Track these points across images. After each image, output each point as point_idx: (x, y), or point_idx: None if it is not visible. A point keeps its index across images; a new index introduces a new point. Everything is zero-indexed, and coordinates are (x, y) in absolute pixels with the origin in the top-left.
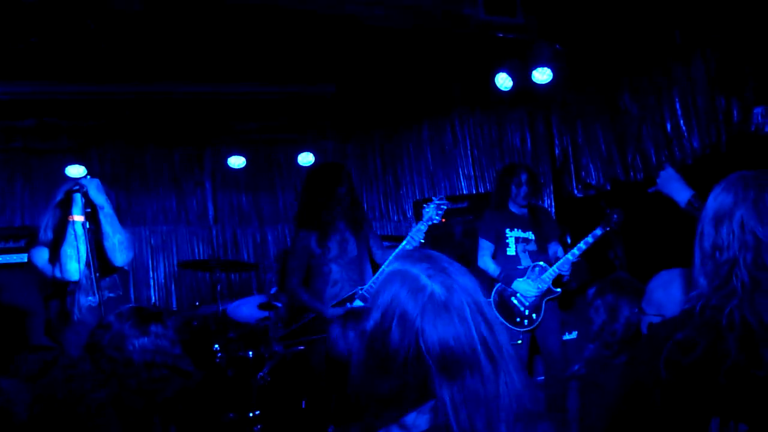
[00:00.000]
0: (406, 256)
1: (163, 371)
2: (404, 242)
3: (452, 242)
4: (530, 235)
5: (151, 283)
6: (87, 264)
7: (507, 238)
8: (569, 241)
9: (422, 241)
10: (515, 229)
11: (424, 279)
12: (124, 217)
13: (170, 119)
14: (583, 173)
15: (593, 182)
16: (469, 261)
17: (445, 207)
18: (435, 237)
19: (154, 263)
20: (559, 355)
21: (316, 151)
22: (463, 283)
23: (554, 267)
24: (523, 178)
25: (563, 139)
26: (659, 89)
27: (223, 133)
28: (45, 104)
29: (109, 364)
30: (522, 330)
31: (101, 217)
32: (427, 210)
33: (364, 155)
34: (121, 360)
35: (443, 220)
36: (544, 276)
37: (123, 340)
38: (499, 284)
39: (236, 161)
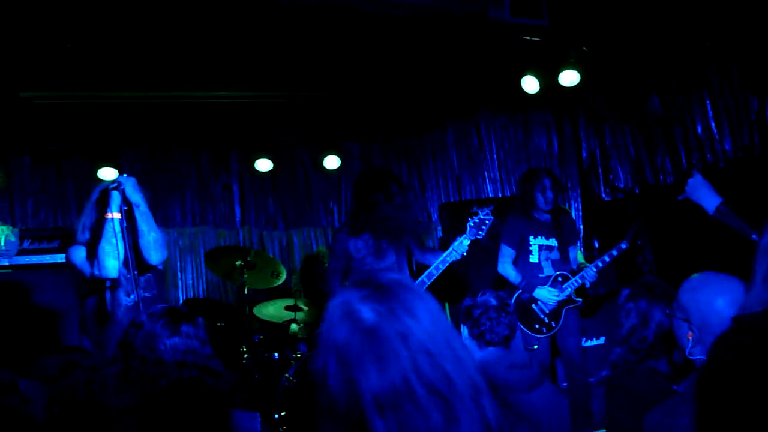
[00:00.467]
0: (357, 285)
1: (194, 372)
2: (446, 254)
3: (477, 245)
4: (554, 242)
5: (180, 285)
6: (125, 262)
7: (530, 245)
8: (597, 245)
9: (464, 254)
10: (539, 237)
11: (361, 315)
12: None
13: (199, 123)
14: (611, 176)
15: (621, 186)
16: (491, 264)
17: (490, 222)
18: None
19: (182, 264)
20: (579, 359)
21: (341, 155)
22: (409, 321)
23: (576, 278)
24: (547, 183)
25: (591, 141)
26: (688, 90)
27: (251, 136)
28: (78, 108)
29: (140, 363)
30: (540, 336)
31: (137, 214)
32: (471, 225)
33: (388, 159)
34: (153, 359)
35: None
36: (565, 285)
37: (155, 340)
38: (520, 291)
39: (263, 164)
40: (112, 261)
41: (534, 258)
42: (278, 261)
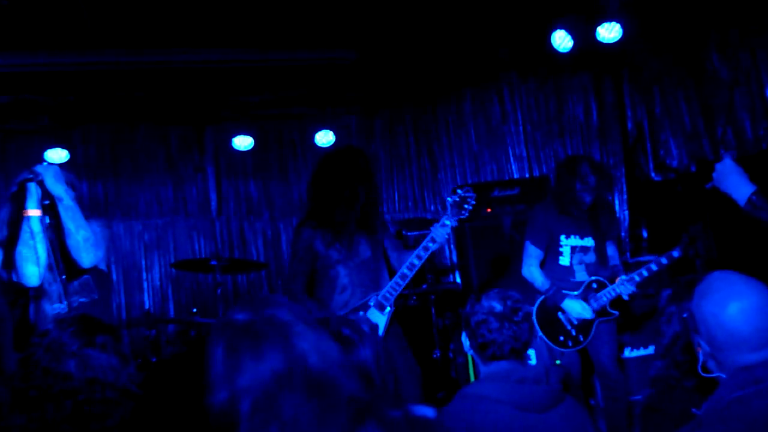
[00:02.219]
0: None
1: (108, 393)
2: (424, 243)
3: (499, 237)
4: (589, 242)
5: (145, 286)
6: (49, 267)
7: (561, 246)
8: (645, 235)
9: (447, 237)
10: (572, 236)
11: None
12: (112, 209)
13: (165, 93)
14: (661, 152)
15: (674, 163)
16: (518, 259)
17: (473, 200)
18: (478, 230)
19: (148, 263)
20: (616, 374)
21: (336, 129)
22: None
23: (614, 287)
24: (591, 181)
25: (637, 110)
26: (754, 47)
27: (227, 108)
28: (21, 78)
29: (43, 378)
30: (564, 350)
31: (61, 210)
32: (450, 203)
33: (394, 133)
34: (58, 374)
35: (476, 211)
36: (600, 294)
37: (62, 349)
38: (544, 298)
39: (242, 141)
40: (32, 267)
41: (565, 260)
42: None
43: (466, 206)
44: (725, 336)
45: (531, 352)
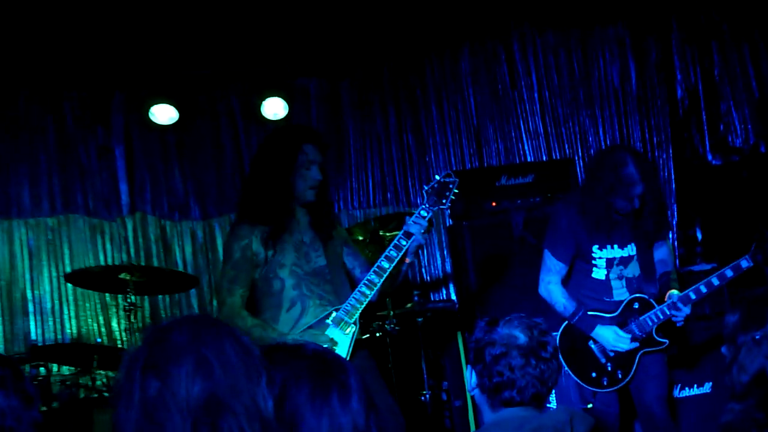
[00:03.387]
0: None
1: None
2: (396, 240)
3: (507, 239)
4: (631, 250)
5: (31, 308)
6: None
7: (594, 258)
8: (700, 237)
9: (422, 234)
10: (608, 246)
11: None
12: None
13: (54, 45)
14: (721, 127)
15: (739, 142)
16: (532, 266)
17: (455, 186)
18: (480, 231)
19: (35, 276)
20: (665, 420)
21: (290, 96)
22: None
23: (662, 308)
24: (638, 189)
25: (689, 72)
26: None
27: (142, 66)
28: None
29: None
30: (598, 390)
31: None
32: (427, 190)
33: (367, 101)
34: None
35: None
36: (644, 318)
37: None
38: (569, 322)
39: (163, 113)
40: None
41: (600, 273)
42: None
43: (447, 193)
44: None
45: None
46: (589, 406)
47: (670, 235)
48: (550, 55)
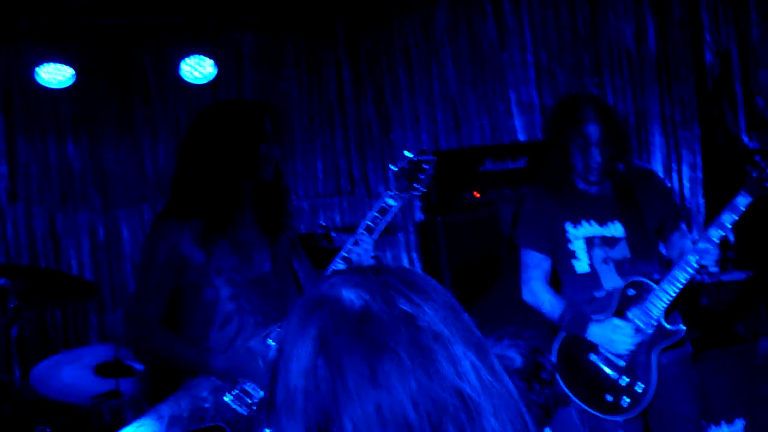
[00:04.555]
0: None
1: None
2: (347, 245)
3: (492, 237)
4: (616, 230)
5: None
6: None
7: (569, 240)
8: (732, 239)
9: (381, 231)
10: (583, 222)
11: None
12: None
13: None
14: (759, 101)
15: None
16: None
17: (431, 166)
18: (458, 227)
19: None
20: None
21: (218, 54)
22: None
23: (663, 284)
24: (591, 131)
25: (721, 33)
26: None
27: (27, 15)
28: None
29: None
30: (622, 417)
31: None
32: (395, 171)
33: (317, 63)
34: None
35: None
36: (650, 301)
37: None
38: (563, 333)
39: (55, 73)
40: None
41: (582, 264)
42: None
43: (420, 176)
44: None
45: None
46: None
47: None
48: (549, 9)
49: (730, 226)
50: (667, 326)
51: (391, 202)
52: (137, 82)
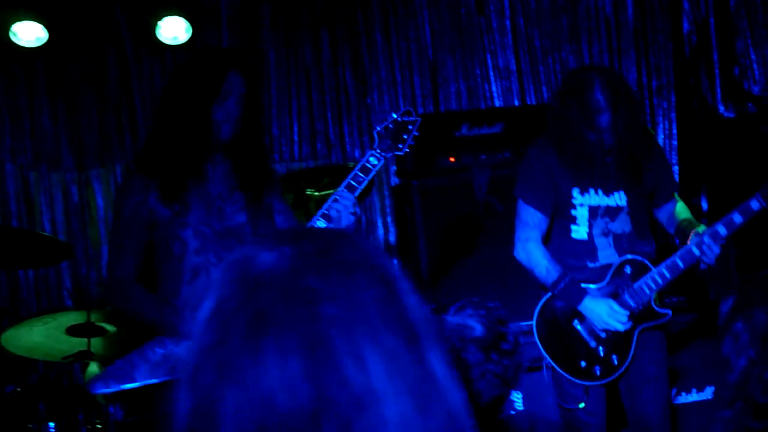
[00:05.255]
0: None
1: None
2: (325, 207)
3: (468, 203)
4: (620, 200)
5: None
6: None
7: (574, 206)
8: (706, 207)
9: (349, 208)
10: (590, 190)
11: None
12: None
13: None
14: (736, 70)
15: (756, 90)
16: (498, 239)
17: (415, 126)
18: (433, 192)
19: None
20: (662, 428)
21: (193, 15)
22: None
23: (661, 268)
24: (600, 99)
25: (699, 2)
26: None
27: None
28: None
29: None
30: (591, 383)
31: None
32: (379, 131)
33: (294, 24)
34: None
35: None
36: (640, 284)
37: None
38: (551, 296)
39: (27, 32)
40: None
41: (581, 231)
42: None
43: (405, 136)
44: None
45: (517, 395)
46: (581, 406)
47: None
48: None
49: (737, 227)
50: (656, 308)
51: (374, 161)
52: (112, 43)
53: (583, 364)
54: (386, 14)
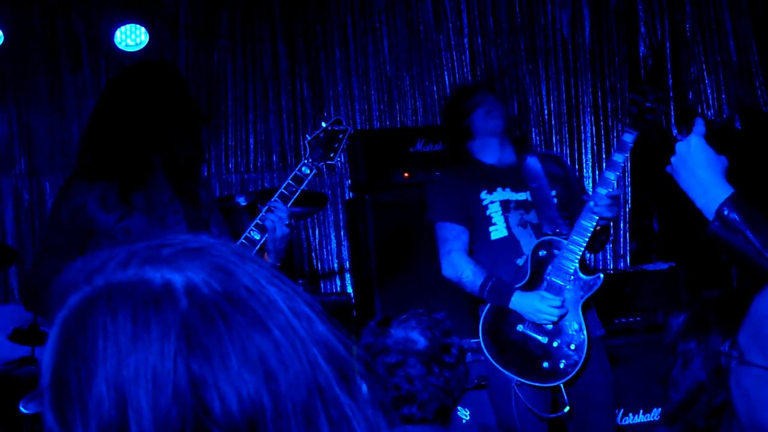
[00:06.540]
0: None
1: None
2: (272, 200)
3: (420, 218)
4: (529, 197)
5: None
6: None
7: (486, 206)
8: (657, 228)
9: (283, 219)
10: (498, 189)
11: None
12: None
13: None
14: (690, 94)
15: (709, 114)
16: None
17: (346, 135)
18: (386, 208)
19: None
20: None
21: (151, 22)
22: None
23: (571, 236)
24: (488, 100)
25: (656, 25)
26: None
27: None
28: None
29: None
30: (563, 380)
31: None
32: (311, 141)
33: (253, 35)
34: None
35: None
36: (558, 261)
37: None
38: (486, 308)
39: None
40: None
41: (500, 228)
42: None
43: (335, 145)
44: None
45: (463, 411)
46: (566, 410)
47: (620, 227)
48: None
49: (622, 165)
50: (585, 277)
51: (306, 170)
52: (68, 48)
53: (545, 364)
54: (345, 28)
